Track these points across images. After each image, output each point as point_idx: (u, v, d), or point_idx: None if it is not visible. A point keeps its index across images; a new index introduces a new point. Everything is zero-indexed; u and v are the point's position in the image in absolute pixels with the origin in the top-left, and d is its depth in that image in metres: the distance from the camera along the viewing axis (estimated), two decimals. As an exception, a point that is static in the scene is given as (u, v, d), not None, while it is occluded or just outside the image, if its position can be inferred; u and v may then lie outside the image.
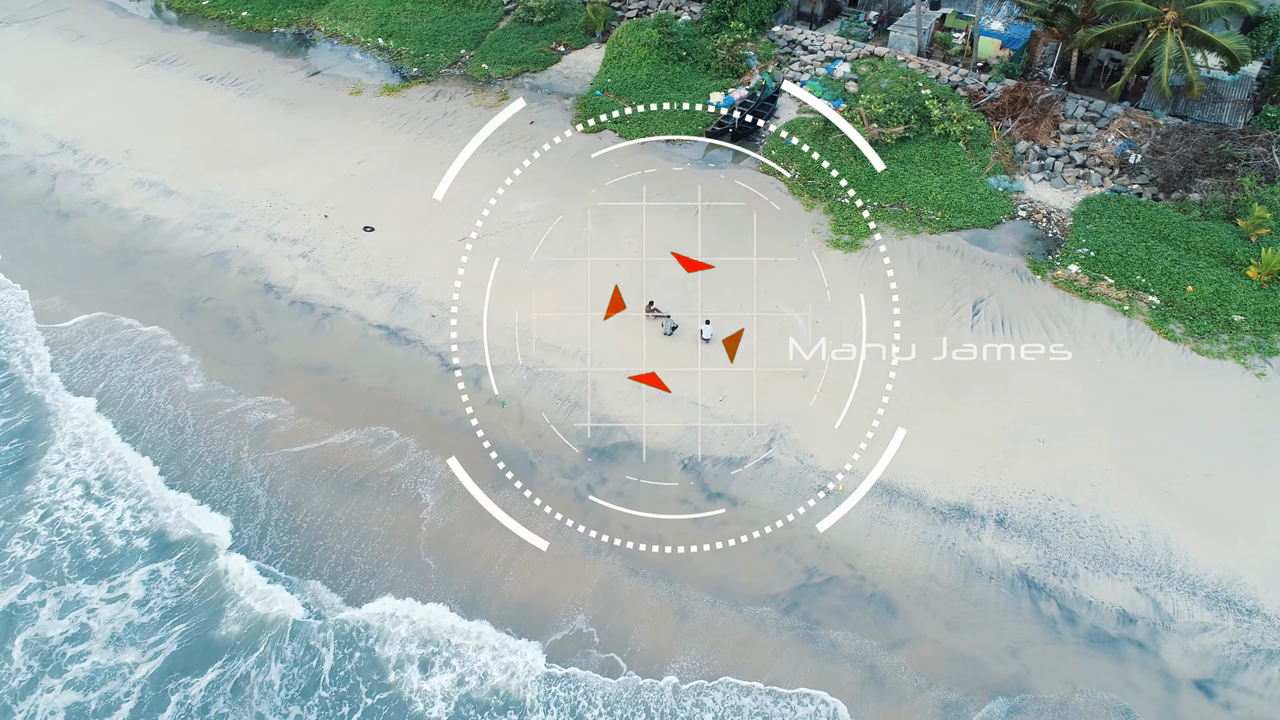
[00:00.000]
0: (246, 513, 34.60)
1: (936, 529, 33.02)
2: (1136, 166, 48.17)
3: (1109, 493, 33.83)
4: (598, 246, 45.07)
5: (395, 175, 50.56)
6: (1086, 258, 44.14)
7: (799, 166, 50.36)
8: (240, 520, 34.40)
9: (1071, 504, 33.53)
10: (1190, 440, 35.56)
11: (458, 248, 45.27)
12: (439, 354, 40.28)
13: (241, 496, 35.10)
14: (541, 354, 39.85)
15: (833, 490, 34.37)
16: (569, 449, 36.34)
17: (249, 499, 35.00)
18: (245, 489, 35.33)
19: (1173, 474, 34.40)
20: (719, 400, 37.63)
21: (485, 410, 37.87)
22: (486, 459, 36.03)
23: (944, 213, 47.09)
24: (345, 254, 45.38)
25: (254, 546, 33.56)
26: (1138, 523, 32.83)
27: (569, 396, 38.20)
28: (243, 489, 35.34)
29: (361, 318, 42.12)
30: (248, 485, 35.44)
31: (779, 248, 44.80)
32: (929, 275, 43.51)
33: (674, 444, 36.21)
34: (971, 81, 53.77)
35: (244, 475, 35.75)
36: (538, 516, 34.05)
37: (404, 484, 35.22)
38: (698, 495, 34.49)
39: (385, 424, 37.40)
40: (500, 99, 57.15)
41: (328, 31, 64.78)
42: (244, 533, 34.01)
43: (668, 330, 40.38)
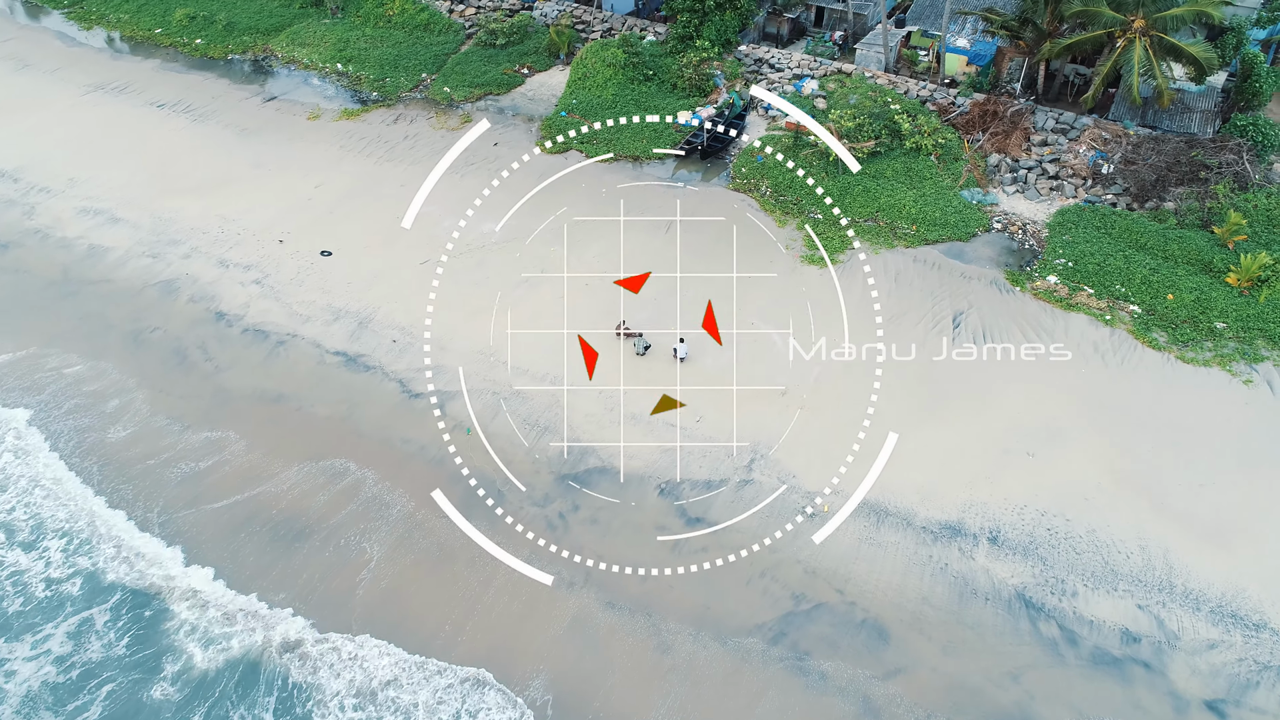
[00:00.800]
0: (191, 554, 32.11)
1: (928, 549, 31.41)
2: (1109, 177, 47.71)
3: (1103, 506, 32.49)
4: (563, 265, 43.50)
5: (354, 198, 48.80)
6: (1065, 268, 43.35)
7: (770, 183, 49.36)
8: (184, 562, 31.90)
9: (1066, 519, 32.13)
10: (1182, 449, 34.43)
11: (420, 271, 43.51)
12: (400, 380, 38.28)
13: (186, 537, 32.63)
14: (509, 377, 38.00)
15: (817, 511, 32.69)
16: (539, 475, 34.40)
17: (194, 539, 32.54)
18: (190, 529, 32.88)
19: (1167, 485, 33.18)
20: (695, 421, 35.95)
21: (448, 438, 35.82)
22: (451, 489, 33.93)
23: (919, 226, 46.22)
24: (301, 279, 43.37)
25: (197, 591, 31.05)
26: (1135, 536, 31.47)
27: (539, 420, 36.32)
28: (187, 529, 32.87)
29: (318, 345, 40.05)
30: (192, 525, 32.99)
31: (753, 264, 43.53)
32: (907, 289, 42.42)
33: (650, 467, 34.40)
34: (940, 96, 53.32)
35: (188, 514, 33.31)
36: (506, 549, 31.94)
37: (363, 520, 32.98)
38: (676, 521, 32.64)
39: (343, 456, 35.21)
40: (463, 121, 55.79)
41: (284, 58, 63.26)
42: (187, 576, 31.50)
43: (640, 350, 38.75)
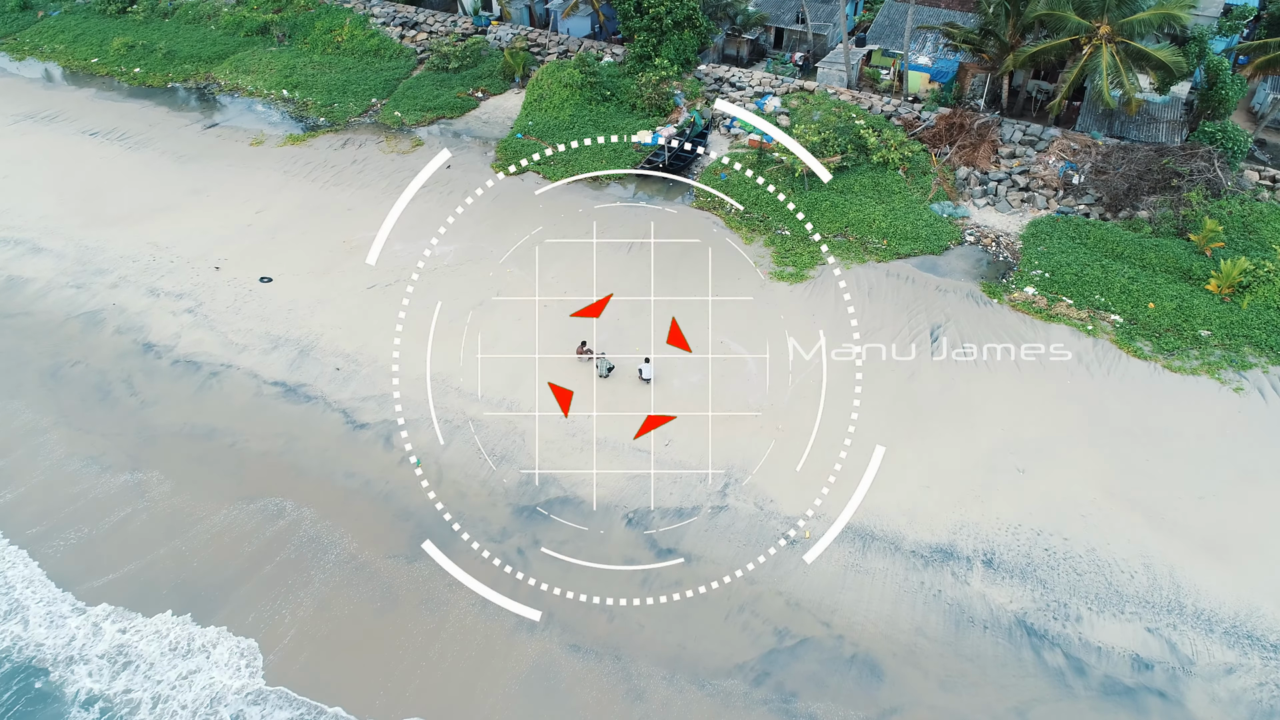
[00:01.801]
0: (100, 609, 28.68)
1: (919, 574, 28.99)
2: (1080, 187, 46.63)
3: (1101, 523, 30.39)
4: (522, 288, 41.10)
5: (298, 223, 46.11)
6: (1042, 279, 41.87)
7: (735, 199, 47.59)
8: (92, 619, 28.45)
9: (1064, 538, 29.95)
10: (1177, 461, 32.58)
11: (367, 296, 40.82)
12: (344, 410, 35.35)
13: (98, 592, 29.20)
14: (463, 404, 35.26)
15: (798, 538, 30.18)
16: (496, 508, 31.55)
17: (106, 593, 29.13)
18: (103, 582, 29.47)
19: (1165, 498, 31.21)
20: (665, 445, 33.42)
21: (397, 471, 32.92)
22: (397, 526, 30.97)
23: (890, 240, 44.60)
24: (238, 307, 40.42)
25: (103, 655, 27.60)
26: (1138, 554, 29.35)
27: (496, 449, 33.55)
28: (99, 583, 29.47)
29: (255, 375, 37.04)
30: (105, 579, 29.60)
31: (721, 283, 41.46)
32: (881, 303, 40.56)
33: (617, 496, 31.73)
34: (905, 111, 52.21)
35: (103, 566, 29.92)
36: (458, 590, 28.98)
37: (300, 565, 29.83)
38: (646, 552, 29.92)
39: (279, 494, 32.10)
40: (414, 145, 53.56)
41: (228, 85, 60.78)
42: (95, 633, 28.05)
43: (603, 372, 36.29)
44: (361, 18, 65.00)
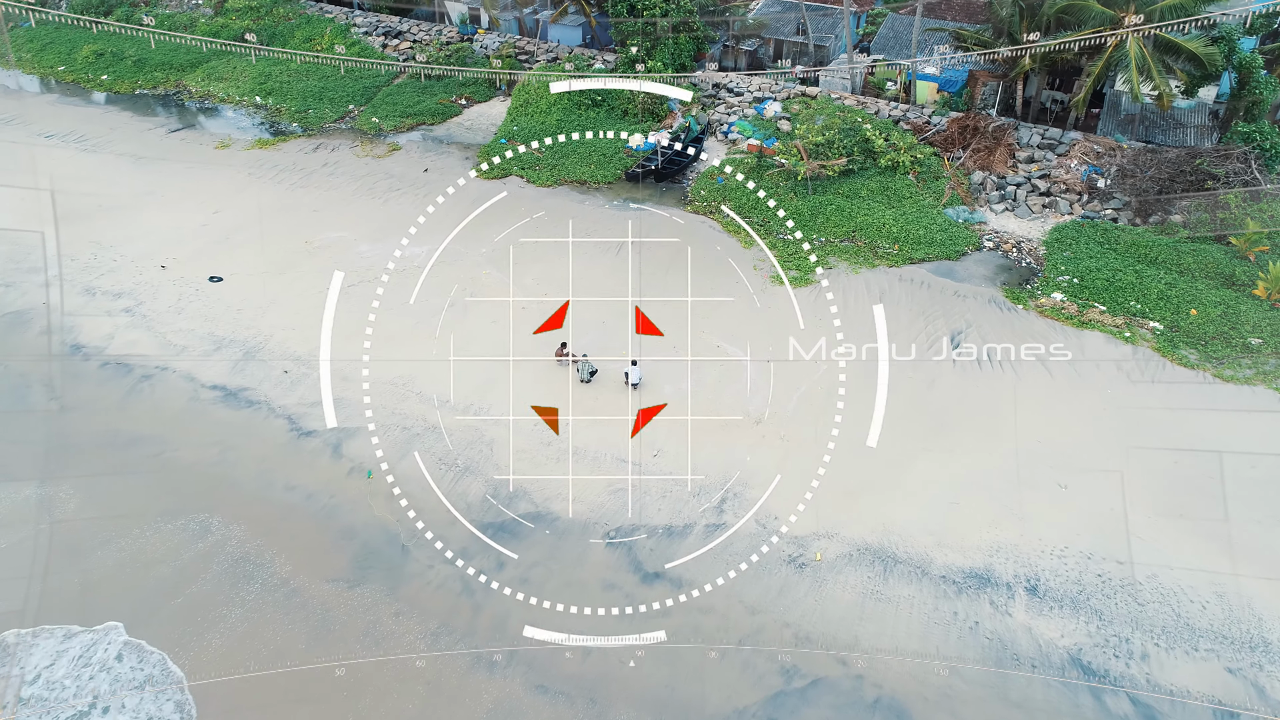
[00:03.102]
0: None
1: (951, 603, 24.54)
2: (1106, 191, 43.12)
3: (1160, 545, 26.06)
4: (498, 289, 37.21)
5: (258, 224, 42.37)
6: (1070, 285, 38.11)
7: (733, 205, 44.05)
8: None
9: (1118, 562, 25.57)
10: (1239, 477, 28.33)
11: (325, 297, 36.81)
12: (289, 416, 31.14)
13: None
14: (424, 410, 31.06)
15: (808, 560, 25.78)
16: (456, 525, 27.15)
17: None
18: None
19: (1233, 519, 26.91)
20: (653, 455, 29.17)
21: (344, 484, 28.58)
22: (341, 546, 26.54)
23: (901, 245, 40.93)
24: (181, 307, 36.44)
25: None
26: (1208, 582, 24.96)
27: (458, 460, 29.27)
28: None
29: (192, 378, 32.89)
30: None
31: (716, 286, 37.64)
32: (895, 308, 36.67)
33: (596, 512, 27.37)
34: (914, 115, 49.03)
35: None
36: (406, 620, 24.48)
37: (220, 596, 25.31)
38: (628, 576, 25.48)
39: (205, 510, 27.70)
40: (390, 150, 50.16)
41: (198, 92, 57.69)
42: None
43: (585, 376, 32.19)
44: (343, 27, 62.32)
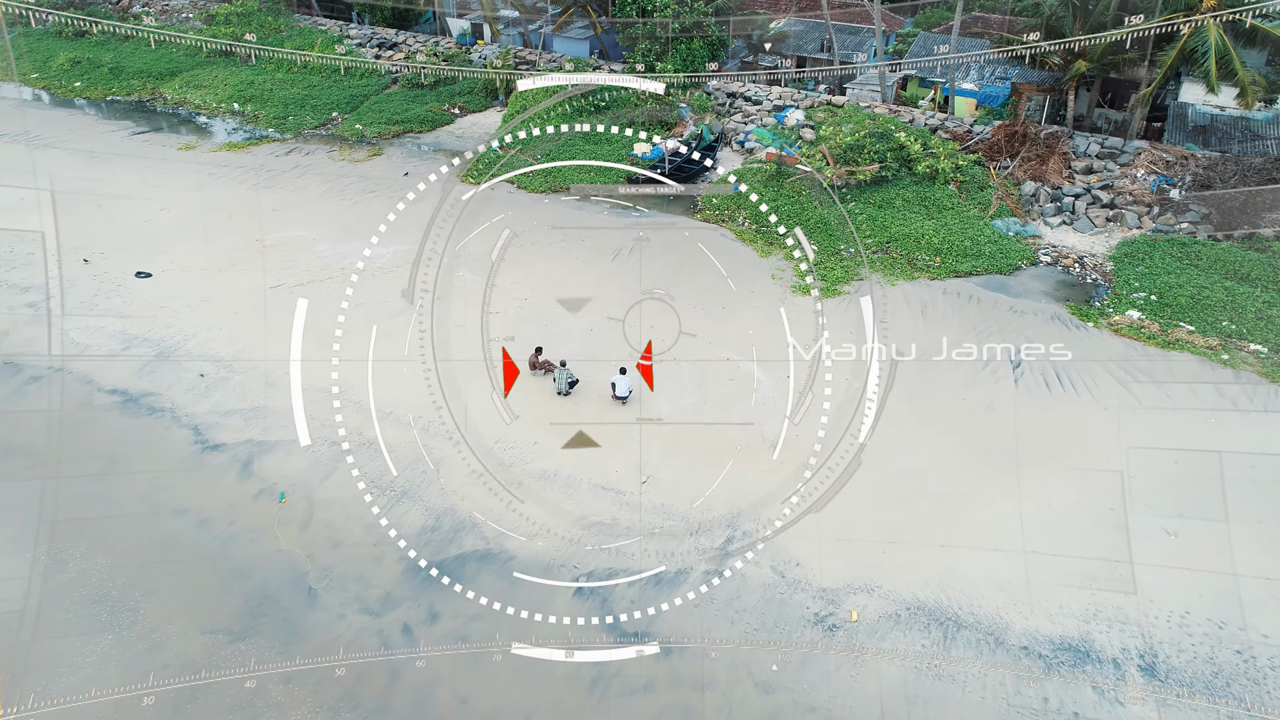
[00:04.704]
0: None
1: (1039, 687, 17.97)
2: (1181, 203, 37.36)
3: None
4: (471, 293, 31.63)
5: (207, 222, 37.29)
6: (1147, 302, 32.14)
7: (749, 214, 38.65)
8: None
9: (1261, 634, 18.99)
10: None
11: (266, 297, 31.44)
12: (196, 427, 25.29)
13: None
14: (361, 421, 25.16)
15: (840, 621, 19.36)
16: (383, 563, 20.98)
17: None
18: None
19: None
20: (642, 482, 23.03)
21: (249, 509, 22.57)
22: (231, 588, 20.40)
23: (944, 257, 35.21)
24: (96, 303, 31.03)
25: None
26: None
27: (396, 482, 23.22)
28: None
29: (89, 381, 27.23)
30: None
31: (727, 294, 31.93)
32: (939, 323, 30.74)
33: (563, 551, 21.13)
34: (953, 124, 43.82)
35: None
36: (300, 686, 18.17)
37: (72, 641, 19.19)
38: (601, 637, 19.11)
39: (69, 538, 21.69)
40: (371, 155, 45.39)
41: (174, 100, 53.55)
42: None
43: (563, 388, 26.25)
44: (335, 38, 58.52)
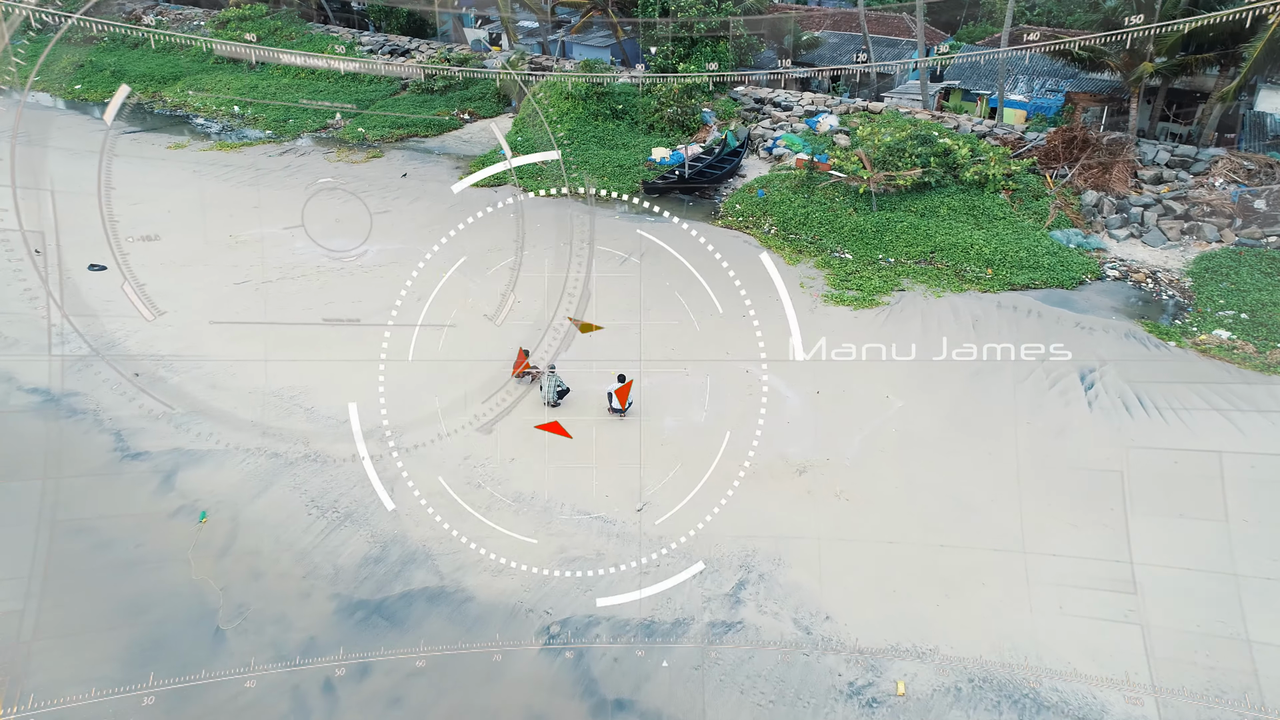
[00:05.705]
0: None
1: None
2: (1269, 214, 32.98)
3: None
4: (457, 294, 27.95)
5: (181, 218, 34.27)
6: (1236, 320, 27.71)
7: (775, 220, 34.87)
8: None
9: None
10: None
11: (228, 293, 28.04)
12: (118, 432, 21.62)
13: None
14: (310, 428, 21.35)
15: (883, 693, 14.97)
16: (311, 599, 16.96)
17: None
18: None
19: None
20: (636, 510, 18.89)
21: (163, 529, 18.73)
22: (116, 629, 16.48)
23: (996, 269, 31.06)
24: (36, 295, 27.69)
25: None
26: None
27: (339, 502, 19.28)
28: None
29: (10, 379, 23.81)
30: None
31: (750, 301, 27.90)
32: (993, 337, 26.49)
33: (533, 592, 16.98)
34: (1003, 130, 39.89)
35: None
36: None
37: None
38: (574, 703, 14.87)
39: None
40: (370, 157, 42.36)
41: (174, 102, 51.20)
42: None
43: (551, 398, 22.29)
44: (348, 44, 56.09)
